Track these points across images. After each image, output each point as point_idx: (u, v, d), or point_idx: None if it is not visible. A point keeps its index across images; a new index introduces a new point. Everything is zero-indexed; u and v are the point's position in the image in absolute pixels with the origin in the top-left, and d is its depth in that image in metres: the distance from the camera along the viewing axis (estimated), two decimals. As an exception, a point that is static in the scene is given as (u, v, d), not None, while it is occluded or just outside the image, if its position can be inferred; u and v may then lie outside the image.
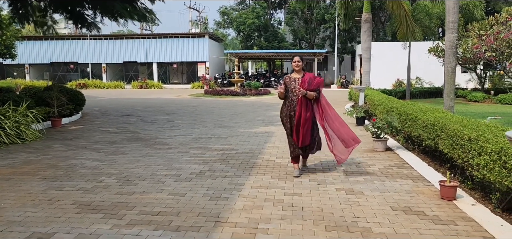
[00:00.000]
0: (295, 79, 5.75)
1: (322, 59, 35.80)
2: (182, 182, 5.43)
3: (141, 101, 19.70)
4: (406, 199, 4.74)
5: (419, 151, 7.22)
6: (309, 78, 5.69)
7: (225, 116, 13.06)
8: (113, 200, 4.67)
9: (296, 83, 5.71)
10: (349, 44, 38.41)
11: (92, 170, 6.05)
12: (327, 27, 38.15)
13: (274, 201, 4.64)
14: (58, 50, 37.28)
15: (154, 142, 8.39)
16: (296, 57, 5.79)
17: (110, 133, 9.71)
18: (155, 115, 13.57)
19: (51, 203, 4.56)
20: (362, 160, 6.73)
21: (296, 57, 5.79)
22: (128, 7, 10.92)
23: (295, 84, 5.71)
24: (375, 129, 7.47)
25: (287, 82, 5.80)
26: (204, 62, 35.64)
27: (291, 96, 5.75)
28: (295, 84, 5.71)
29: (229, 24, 39.55)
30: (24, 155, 7.14)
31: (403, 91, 22.09)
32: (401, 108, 8.16)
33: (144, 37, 37.38)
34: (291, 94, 5.74)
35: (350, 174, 5.87)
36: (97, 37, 36.40)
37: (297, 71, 5.78)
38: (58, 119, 10.47)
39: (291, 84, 5.77)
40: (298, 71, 5.77)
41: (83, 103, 12.45)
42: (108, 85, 33.75)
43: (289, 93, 5.76)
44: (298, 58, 5.77)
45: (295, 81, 5.74)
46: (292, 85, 5.75)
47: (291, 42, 41.56)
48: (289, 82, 5.80)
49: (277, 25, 42.27)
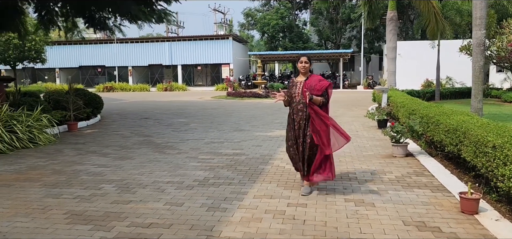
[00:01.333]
0: (298, 82, 5.00)
1: (348, 59, 35.06)
2: (182, 190, 5.18)
3: (162, 104, 19.71)
4: (422, 212, 4.31)
5: (442, 157, 6.71)
6: (313, 82, 4.91)
7: (243, 119, 12.79)
8: (107, 209, 4.46)
9: (297, 87, 4.97)
10: (376, 44, 37.43)
11: (95, 177, 5.89)
12: (353, 27, 37.33)
13: (275, 213, 4.31)
14: (86, 54, 38.11)
15: (164, 147, 8.21)
16: (303, 57, 5.03)
17: (124, 136, 9.61)
18: (173, 118, 13.45)
19: (44, 212, 4.40)
20: (378, 167, 6.29)
21: (303, 57, 5.03)
22: (144, 10, 10.82)
23: (296, 89, 4.97)
24: (394, 133, 7.01)
25: (290, 86, 5.10)
26: (228, 64, 35.57)
27: (293, 102, 4.99)
28: (296, 89, 4.97)
29: (253, 25, 39.35)
30: (33, 160, 7.08)
31: (432, 92, 21.20)
32: (423, 111, 7.64)
33: (169, 40, 37.69)
34: (293, 99, 4.98)
35: (362, 182, 5.47)
36: (124, 41, 36.99)
37: (302, 73, 5.01)
38: (74, 123, 10.48)
39: (293, 88, 5.02)
40: (304, 73, 4.99)
41: (101, 106, 12.47)
42: (134, 87, 34.18)
43: (292, 99, 5.00)
44: (305, 58, 5.00)
45: (296, 85, 5.00)
46: (293, 89, 5.00)
47: (316, 42, 40.93)
48: (292, 85, 5.07)
49: (302, 26, 41.74)
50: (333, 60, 38.48)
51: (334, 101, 19.92)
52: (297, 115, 4.94)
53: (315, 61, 41.51)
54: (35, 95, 12.74)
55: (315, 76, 5.04)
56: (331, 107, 5.32)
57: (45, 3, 12.63)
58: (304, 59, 5.00)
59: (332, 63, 40.45)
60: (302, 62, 5.00)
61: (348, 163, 6.58)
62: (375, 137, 9.04)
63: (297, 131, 4.93)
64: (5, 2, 11.68)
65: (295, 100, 4.95)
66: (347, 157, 7.06)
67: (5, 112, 8.04)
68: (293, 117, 4.98)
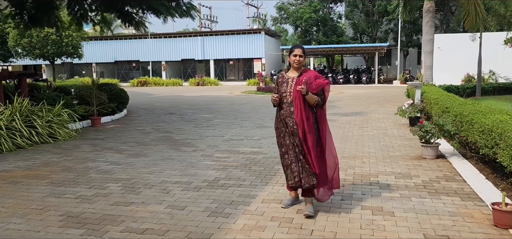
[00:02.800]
0: (289, 78, 4.13)
1: (384, 53, 33.83)
2: (189, 191, 4.90)
3: (191, 99, 19.65)
4: (448, 224, 3.81)
5: (478, 160, 6.08)
6: (307, 77, 4.03)
7: (269, 115, 12.43)
8: (105, 212, 4.25)
9: (288, 84, 4.10)
10: (415, 37, 35.87)
11: (103, 175, 5.72)
12: (390, 19, 35.93)
13: (281, 220, 3.94)
14: (121, 49, 38.87)
15: (182, 144, 7.99)
16: (297, 48, 4.12)
17: (144, 132, 9.49)
18: (198, 113, 13.28)
19: (41, 213, 4.23)
20: (404, 170, 5.77)
21: (297, 48, 4.12)
22: (165, 3, 10.65)
23: (287, 86, 4.10)
24: (423, 133, 6.43)
25: (280, 82, 4.19)
26: (260, 58, 35.23)
27: (282, 103, 4.13)
28: (287, 86, 4.10)
29: (286, 19, 38.73)
30: (48, 155, 7.03)
31: (473, 87, 20.00)
32: (457, 109, 7.01)
33: (202, 35, 37.79)
34: (283, 99, 4.12)
35: (384, 187, 4.98)
36: (157, 36, 37.44)
37: (295, 68, 4.14)
38: (97, 118, 10.48)
39: (282, 86, 4.14)
40: (297, 68, 4.14)
41: (126, 101, 12.47)
42: (167, 82, 34.51)
43: (281, 98, 4.14)
44: (300, 50, 4.10)
45: (287, 81, 4.12)
46: (283, 87, 4.13)
47: (351, 36, 39.79)
48: (281, 82, 4.17)
49: (337, 19, 40.72)
50: (368, 54, 37.32)
51: (367, 96, 19.16)
52: (289, 119, 4.08)
53: (349, 55, 40.50)
54: (66, 90, 12.95)
55: (311, 72, 4.17)
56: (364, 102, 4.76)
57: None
58: (299, 51, 4.10)
59: (367, 58, 39.26)
60: (297, 54, 4.09)
61: (371, 165, 6.09)
62: (405, 136, 8.45)
63: (291, 138, 4.11)
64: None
65: (286, 100, 4.09)
66: (372, 158, 6.57)
67: (26, 107, 8.07)
68: (284, 120, 4.13)
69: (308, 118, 4.01)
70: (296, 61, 4.10)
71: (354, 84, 31.16)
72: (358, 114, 12.35)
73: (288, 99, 4.09)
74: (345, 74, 32.61)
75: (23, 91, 9.23)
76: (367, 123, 10.51)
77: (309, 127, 4.00)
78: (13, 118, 7.64)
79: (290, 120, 4.08)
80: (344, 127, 9.77)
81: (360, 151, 7.12)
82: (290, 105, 4.09)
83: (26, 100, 8.24)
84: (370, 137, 8.48)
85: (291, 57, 4.13)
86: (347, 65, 39.68)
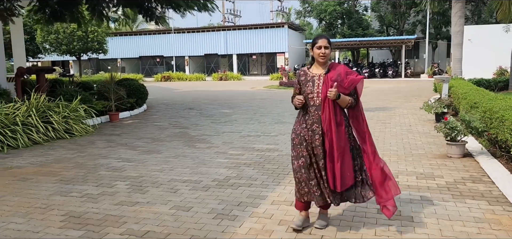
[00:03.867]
0: (315, 76, 3.46)
1: (411, 46, 32.86)
2: (197, 191, 4.71)
3: (212, 94, 19.56)
4: (472, 231, 3.48)
5: (509, 159, 5.65)
6: (337, 74, 3.41)
7: (288, 110, 12.14)
8: (108, 212, 4.10)
9: (315, 83, 3.43)
10: (444, 29, 34.63)
11: (113, 172, 5.61)
12: (418, 11, 34.80)
13: (289, 224, 3.69)
14: (145, 44, 39.24)
15: (197, 140, 7.83)
16: (321, 38, 3.44)
17: (161, 128, 9.39)
18: (217, 108, 13.12)
19: (44, 213, 4.13)
20: (427, 170, 5.41)
21: (321, 38, 3.44)
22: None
23: (313, 86, 3.43)
24: (448, 129, 6.03)
25: (302, 80, 3.52)
26: (283, 52, 34.85)
27: (308, 106, 3.46)
28: (313, 86, 3.43)
29: (310, 12, 38.13)
30: (62, 151, 7.00)
31: (506, 81, 19.07)
32: (486, 104, 6.56)
33: (225, 29, 37.70)
34: (309, 101, 3.45)
35: (404, 188, 4.65)
36: (181, 31, 37.57)
37: (321, 63, 3.46)
38: (115, 113, 10.46)
39: (307, 86, 3.47)
40: (323, 63, 3.46)
41: (145, 96, 12.43)
42: (190, 77, 34.61)
43: (306, 100, 3.47)
44: (325, 41, 3.42)
45: (313, 80, 3.45)
46: (308, 87, 3.46)
47: (377, 29, 38.82)
48: (305, 81, 3.50)
49: (362, 12, 39.81)
50: (395, 47, 36.36)
51: (393, 90, 18.57)
52: (317, 126, 3.41)
53: (375, 49, 39.57)
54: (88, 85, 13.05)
55: (340, 66, 3.52)
56: (389, 97, 4.34)
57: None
58: (324, 42, 3.41)
59: (394, 51, 38.26)
60: (321, 46, 3.40)
61: (391, 164, 5.75)
62: (430, 132, 8.03)
63: (317, 149, 3.40)
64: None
65: (313, 103, 3.42)
66: (393, 156, 6.22)
67: (43, 102, 8.08)
68: (311, 127, 3.44)
69: (340, 123, 3.40)
70: (321, 54, 3.41)
71: (380, 78, 30.41)
72: (382, 109, 11.91)
73: (315, 101, 3.41)
74: (371, 68, 31.87)
75: (41, 87, 9.28)
76: (391, 118, 10.09)
77: (339, 135, 3.37)
78: (29, 114, 7.66)
79: (318, 127, 3.40)
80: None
81: (381, 148, 6.76)
82: (318, 108, 3.40)
83: (43, 96, 8.25)
84: (393, 133, 8.10)
85: (315, 50, 3.43)
86: (373, 59, 38.78)
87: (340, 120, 3.40)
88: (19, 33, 15.51)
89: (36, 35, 28.72)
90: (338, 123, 3.39)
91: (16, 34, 15.37)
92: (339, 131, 3.39)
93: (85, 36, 28.88)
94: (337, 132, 3.37)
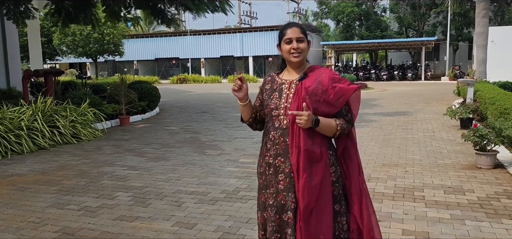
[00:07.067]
0: (284, 84, 2.29)
1: (431, 48, 31.97)
2: (203, 204, 4.35)
3: (227, 97, 19.22)
4: (514, 260, 3.02)
5: (546, 171, 5.14)
6: (317, 82, 2.20)
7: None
8: (105, 228, 3.77)
9: (282, 94, 2.26)
10: (465, 30, 33.60)
11: (116, 181, 5.29)
12: (439, 12, 33.88)
13: (303, 248, 3.28)
14: (161, 46, 39.26)
15: (207, 146, 7.48)
16: (292, 27, 2.24)
17: (172, 133, 9.08)
18: (231, 112, 12.78)
19: (36, 228, 3.82)
20: (455, 183, 4.93)
21: (290, 27, 2.24)
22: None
23: (279, 98, 2.26)
24: (477, 138, 5.54)
25: (267, 90, 2.35)
26: (300, 54, 34.37)
27: (271, 125, 2.27)
28: (279, 98, 2.26)
29: (327, 14, 37.51)
30: (67, 158, 6.74)
31: (533, 84, 18.23)
32: (519, 110, 6.04)
33: (241, 31, 37.43)
34: (272, 122, 2.26)
35: (431, 205, 4.20)
36: (196, 33, 37.48)
37: (293, 64, 2.26)
38: (126, 117, 10.20)
39: (272, 97, 2.29)
40: (297, 64, 2.26)
41: (157, 99, 12.17)
42: (206, 79, 34.41)
43: (268, 119, 2.29)
44: (297, 31, 2.22)
45: (280, 89, 2.28)
46: (273, 100, 2.28)
47: (396, 30, 37.93)
48: (270, 91, 2.33)
49: (381, 13, 38.98)
50: (414, 49, 35.46)
51: (413, 94, 17.90)
52: (282, 160, 2.21)
53: (394, 51, 38.73)
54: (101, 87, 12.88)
55: (323, 70, 2.28)
56: (409, 100, 3.77)
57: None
58: (296, 33, 2.21)
59: (413, 53, 37.36)
60: (291, 39, 2.21)
61: (415, 175, 5.29)
62: (456, 140, 7.51)
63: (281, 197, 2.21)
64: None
65: (278, 124, 2.23)
66: (416, 166, 5.75)
67: (49, 106, 7.85)
68: (273, 162, 2.25)
69: (319, 158, 2.15)
70: (293, 51, 2.21)
71: (399, 80, 29.66)
72: (402, 114, 11.38)
73: (282, 122, 2.22)
74: (389, 70, 31.14)
75: (49, 90, 9.08)
76: (412, 124, 9.57)
77: (312, 180, 2.13)
78: (35, 118, 7.43)
79: (284, 163, 2.20)
80: (386, 129, 8.91)
81: (403, 157, 6.30)
82: (285, 133, 2.20)
83: (50, 99, 8.03)
84: (415, 140, 7.60)
85: (284, 46, 2.25)
86: (392, 61, 37.96)
87: (320, 153, 2.15)
88: (36, 35, 15.53)
89: (53, 37, 28.93)
90: (315, 158, 2.14)
91: (33, 36, 15.39)
92: (315, 172, 2.14)
93: (101, 38, 28.97)
94: (309, 175, 2.12)
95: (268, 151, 2.26)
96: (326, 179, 2.16)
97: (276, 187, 2.23)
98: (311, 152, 2.13)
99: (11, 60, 12.81)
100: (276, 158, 2.22)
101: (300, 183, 2.13)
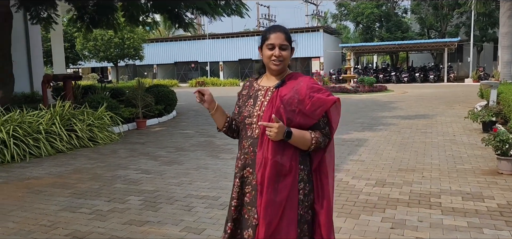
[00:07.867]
0: (260, 90, 2.18)
1: (454, 49, 31.29)
2: (213, 209, 4.31)
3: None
4: (534, 272, 2.87)
5: None
6: (294, 91, 2.05)
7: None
8: (114, 232, 3.77)
9: (257, 101, 2.14)
10: (490, 30, 32.69)
11: (129, 185, 5.31)
12: (462, 12, 33.07)
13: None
14: (181, 50, 39.65)
15: (221, 150, 7.46)
16: (275, 32, 2.10)
17: (187, 136, 9.10)
18: (247, 115, 12.74)
19: (47, 231, 3.85)
20: (474, 189, 4.75)
21: (274, 32, 2.11)
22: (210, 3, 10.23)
23: (254, 105, 2.14)
24: (498, 142, 5.33)
25: (243, 96, 2.27)
26: (318, 57, 34.17)
27: (244, 134, 2.16)
28: (254, 105, 2.14)
29: (347, 16, 37.16)
30: (83, 161, 6.82)
31: (560, 85, 17.60)
32: (544, 113, 5.79)
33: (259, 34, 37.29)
34: (245, 131, 2.14)
35: (448, 212, 4.06)
36: (215, 36, 37.69)
37: (273, 71, 2.14)
38: (142, 121, 10.29)
39: (246, 104, 2.18)
40: (277, 72, 2.13)
41: (174, 103, 12.24)
42: (224, 82, 34.56)
43: (242, 127, 2.18)
44: (282, 36, 2.09)
45: (256, 96, 2.17)
46: (247, 107, 2.16)
47: (418, 31, 37.25)
48: (247, 96, 2.24)
49: (402, 14, 38.38)
50: (436, 50, 34.79)
51: (434, 96, 17.50)
52: (250, 171, 2.09)
53: (415, 52, 38.06)
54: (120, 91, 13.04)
55: (302, 78, 2.12)
56: (430, 103, 3.68)
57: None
58: (279, 39, 2.08)
59: (435, 54, 36.63)
60: (274, 46, 2.08)
61: (433, 181, 5.13)
62: (477, 144, 7.27)
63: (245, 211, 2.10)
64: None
65: (251, 132, 2.11)
66: (434, 171, 5.59)
67: (68, 110, 7.98)
68: (239, 172, 2.13)
69: (287, 172, 2.00)
70: (274, 59, 2.08)
71: (420, 82, 29.12)
72: (422, 117, 11.13)
73: (254, 131, 2.09)
74: (410, 72, 30.63)
75: (68, 94, 9.23)
76: (432, 127, 9.34)
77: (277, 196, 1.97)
78: (53, 121, 7.55)
79: (252, 174, 2.07)
80: (404, 132, 8.71)
81: (421, 162, 6.14)
82: (255, 142, 2.07)
83: (68, 103, 8.15)
84: (434, 144, 7.40)
85: (265, 51, 2.12)
86: (413, 63, 37.31)
87: (289, 167, 1.99)
88: (59, 41, 15.92)
89: (76, 42, 29.56)
90: (284, 171, 1.99)
91: (56, 42, 15.77)
92: (281, 187, 1.98)
93: (121, 42, 29.46)
94: (274, 190, 1.97)
95: (238, 160, 2.15)
96: (293, 196, 1.99)
97: (242, 199, 2.10)
98: (280, 164, 1.97)
99: (34, 65, 13.11)
100: (244, 168, 2.10)
101: (263, 198, 1.96)
